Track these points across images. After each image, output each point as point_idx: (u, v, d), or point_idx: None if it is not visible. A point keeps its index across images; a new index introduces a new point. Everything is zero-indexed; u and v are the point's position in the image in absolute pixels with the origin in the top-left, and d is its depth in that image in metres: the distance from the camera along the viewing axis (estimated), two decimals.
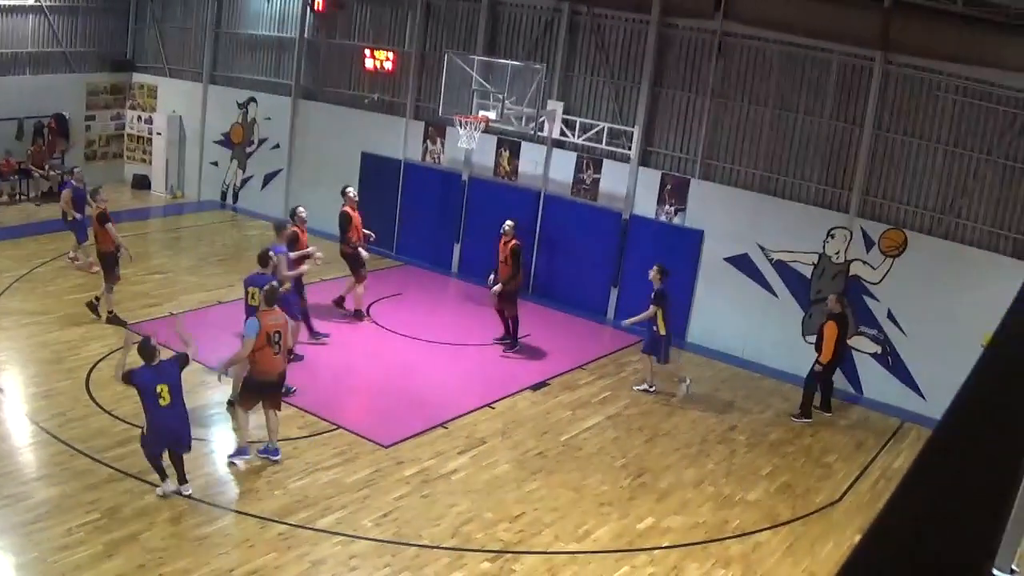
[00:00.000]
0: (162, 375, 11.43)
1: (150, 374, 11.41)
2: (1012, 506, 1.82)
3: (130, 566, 10.18)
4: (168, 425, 11.49)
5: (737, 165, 19.46)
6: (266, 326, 12.51)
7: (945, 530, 1.52)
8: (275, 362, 12.70)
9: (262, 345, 12.49)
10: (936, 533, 1.51)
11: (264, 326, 12.49)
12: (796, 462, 15.06)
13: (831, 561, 12.03)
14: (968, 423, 1.83)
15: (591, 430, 15.31)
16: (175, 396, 11.47)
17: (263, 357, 12.54)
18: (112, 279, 17.50)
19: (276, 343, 12.61)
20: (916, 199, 17.74)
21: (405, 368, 17.03)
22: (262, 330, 12.45)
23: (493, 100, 19.61)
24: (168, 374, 11.49)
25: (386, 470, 13.14)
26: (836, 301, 16.85)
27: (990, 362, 2.11)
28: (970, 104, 17.00)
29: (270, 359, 12.60)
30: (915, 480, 1.66)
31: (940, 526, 1.53)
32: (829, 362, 16.62)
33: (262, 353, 12.52)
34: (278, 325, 12.70)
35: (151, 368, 11.45)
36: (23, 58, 25.61)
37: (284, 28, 25.79)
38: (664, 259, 19.86)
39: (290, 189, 25.85)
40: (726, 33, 19.14)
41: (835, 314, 16.67)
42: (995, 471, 1.69)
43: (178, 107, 27.65)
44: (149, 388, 11.32)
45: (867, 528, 1.48)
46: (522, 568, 11.21)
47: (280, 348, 12.71)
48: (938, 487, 1.64)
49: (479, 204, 22.51)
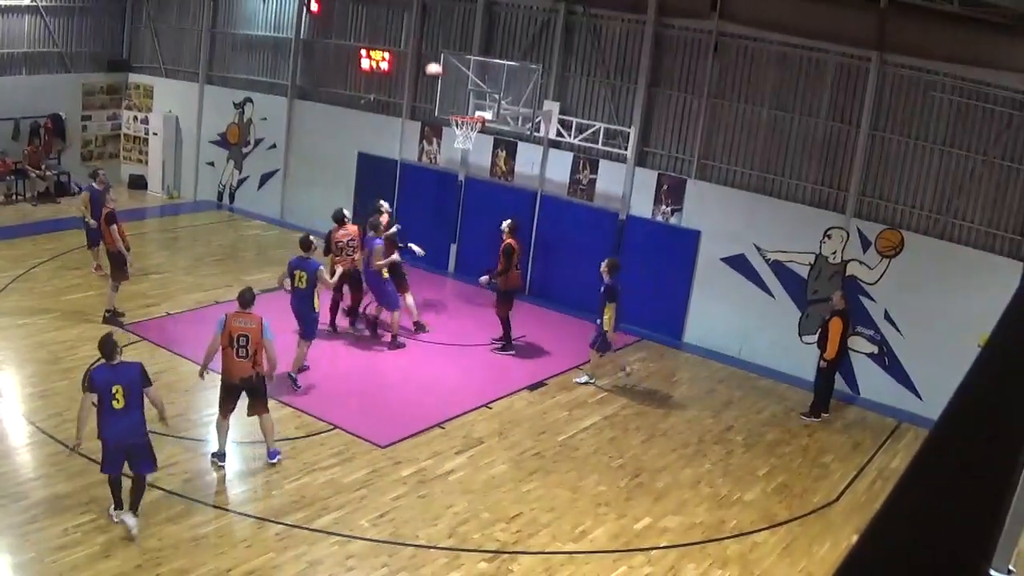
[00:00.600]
0: (119, 375, 10.74)
1: (106, 373, 10.77)
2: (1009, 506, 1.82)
3: (127, 566, 10.19)
4: (118, 434, 10.64)
5: (733, 165, 19.47)
6: (231, 327, 12.25)
7: (942, 530, 1.53)
8: (236, 366, 12.30)
9: (224, 345, 12.26)
10: (933, 533, 1.52)
11: (229, 326, 12.25)
12: (793, 462, 15.08)
13: (828, 561, 12.05)
14: (965, 423, 1.84)
15: (588, 430, 15.31)
16: (130, 401, 10.68)
17: (224, 357, 12.33)
18: (119, 278, 17.54)
19: (242, 347, 12.22)
20: (912, 199, 17.75)
21: (402, 368, 17.02)
22: (225, 330, 12.23)
23: (489, 100, 19.61)
24: (126, 376, 10.77)
25: (383, 470, 13.14)
26: (841, 297, 16.92)
27: (987, 362, 2.11)
28: (966, 104, 17.01)
29: (231, 360, 12.28)
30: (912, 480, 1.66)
31: (937, 526, 1.54)
32: (834, 358, 16.66)
33: (223, 353, 12.32)
34: (245, 329, 12.28)
35: (109, 367, 10.81)
36: (19, 58, 25.58)
37: (280, 28, 25.77)
38: (661, 259, 20.00)
39: (286, 189, 25.86)
40: (722, 33, 19.15)
41: (839, 310, 16.72)
42: (992, 471, 1.70)
43: (174, 107, 27.63)
44: (104, 388, 10.58)
45: (864, 528, 1.48)
46: (519, 568, 11.22)
47: (247, 353, 12.24)
48: (935, 487, 1.65)
49: (475, 204, 22.52)
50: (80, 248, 20.77)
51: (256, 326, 12.34)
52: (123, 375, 10.76)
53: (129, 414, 10.67)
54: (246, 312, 12.51)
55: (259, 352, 12.36)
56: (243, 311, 12.51)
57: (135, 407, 10.75)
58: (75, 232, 22.18)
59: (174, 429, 13.42)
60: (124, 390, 10.63)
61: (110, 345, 10.89)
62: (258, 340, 12.30)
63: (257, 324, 12.37)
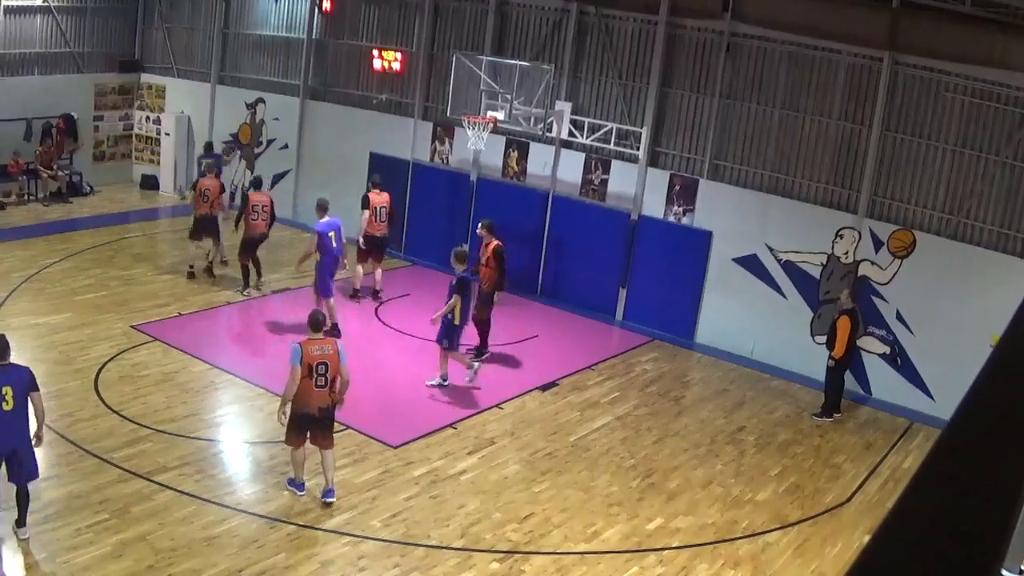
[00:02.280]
0: (8, 377, 10.22)
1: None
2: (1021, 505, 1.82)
3: (139, 567, 10.21)
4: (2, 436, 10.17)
5: (745, 166, 19.44)
6: (309, 357, 11.48)
7: (954, 530, 1.52)
8: (316, 396, 11.57)
9: (303, 375, 11.44)
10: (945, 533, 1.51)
11: (307, 356, 11.47)
12: (805, 463, 15.05)
13: (840, 561, 12.02)
14: (977, 423, 1.83)
15: (600, 430, 15.31)
16: (17, 405, 10.18)
17: (302, 388, 11.49)
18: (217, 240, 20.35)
19: (320, 375, 11.50)
20: (924, 199, 17.71)
21: (414, 368, 17.03)
22: (304, 361, 11.44)
23: (501, 101, 19.61)
24: (15, 378, 10.27)
25: (395, 470, 13.15)
26: (848, 296, 16.95)
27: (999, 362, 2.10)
28: (978, 104, 16.97)
29: (310, 391, 11.51)
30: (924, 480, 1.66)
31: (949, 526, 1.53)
32: (842, 357, 16.66)
33: (301, 384, 11.47)
34: (324, 356, 11.55)
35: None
36: (31, 58, 25.66)
37: (292, 29, 25.81)
38: (672, 260, 20.00)
39: (298, 190, 25.88)
40: (734, 33, 19.13)
41: (847, 309, 16.73)
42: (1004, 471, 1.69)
43: (186, 107, 27.69)
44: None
45: (876, 528, 1.48)
46: (531, 568, 11.22)
47: (326, 381, 11.54)
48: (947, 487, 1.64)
49: (487, 205, 22.49)
50: (91, 249, 20.87)
51: (333, 352, 11.65)
52: (13, 378, 10.26)
53: (15, 420, 10.22)
54: (321, 338, 11.85)
55: (337, 379, 11.75)
56: (317, 336, 11.81)
57: (20, 413, 10.27)
58: (87, 232, 22.29)
59: (186, 429, 13.51)
60: (13, 393, 10.15)
61: (2, 345, 10.42)
62: (336, 366, 11.63)
63: (334, 349, 11.69)
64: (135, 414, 13.70)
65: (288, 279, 20.83)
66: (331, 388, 11.65)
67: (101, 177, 27.10)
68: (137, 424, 13.41)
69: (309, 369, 11.41)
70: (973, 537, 1.51)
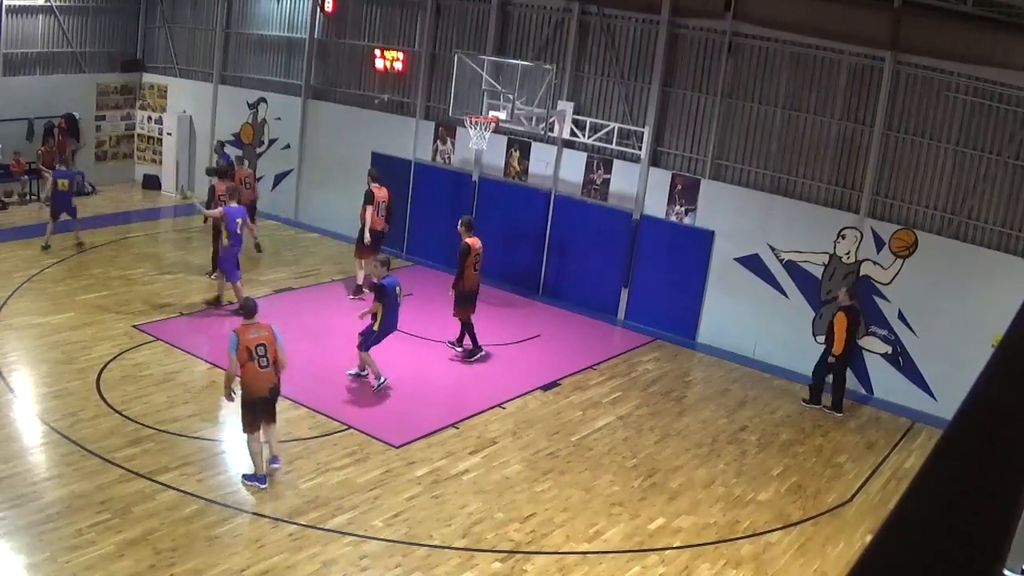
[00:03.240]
0: None
1: None
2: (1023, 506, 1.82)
3: (141, 566, 10.21)
4: None
5: (747, 165, 19.44)
6: (246, 341, 11.95)
7: (956, 530, 1.52)
8: (262, 377, 12.01)
9: (244, 360, 11.91)
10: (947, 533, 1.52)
11: (244, 341, 11.94)
12: (807, 462, 15.05)
13: (842, 561, 12.02)
14: (979, 423, 1.83)
15: (602, 430, 15.31)
16: None
17: (247, 373, 11.95)
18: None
19: (262, 356, 11.96)
20: (926, 199, 17.71)
21: (416, 368, 17.02)
22: (241, 345, 11.90)
23: (503, 100, 19.63)
24: None
25: (397, 470, 13.15)
26: (846, 293, 17.07)
27: (1001, 362, 2.11)
28: (980, 104, 16.96)
29: (255, 374, 11.95)
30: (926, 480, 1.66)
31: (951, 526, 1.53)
32: (841, 354, 16.73)
33: (245, 369, 11.94)
34: (261, 338, 12.04)
35: None
36: (33, 58, 25.70)
37: (294, 28, 25.82)
38: (674, 260, 19.99)
39: (300, 189, 25.90)
40: (736, 33, 19.13)
41: (844, 306, 16.82)
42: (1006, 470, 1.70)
43: (188, 107, 27.71)
44: None
45: (878, 528, 1.48)
46: (533, 568, 11.21)
47: (268, 362, 12.01)
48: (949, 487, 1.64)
49: (489, 204, 22.52)
50: (92, 248, 20.89)
51: (269, 333, 12.15)
52: None
53: None
54: (255, 323, 12.28)
55: (277, 360, 12.19)
56: (252, 322, 12.27)
57: None
58: (89, 232, 22.25)
59: (188, 429, 13.51)
60: None
61: None
62: (275, 347, 12.12)
63: (269, 331, 12.18)
64: (137, 414, 13.71)
65: (290, 279, 20.84)
66: (274, 368, 12.14)
67: (103, 177, 27.13)
68: (139, 424, 13.42)
69: (249, 352, 11.90)
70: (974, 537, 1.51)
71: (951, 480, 1.66)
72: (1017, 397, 1.93)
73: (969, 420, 1.82)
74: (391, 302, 15.52)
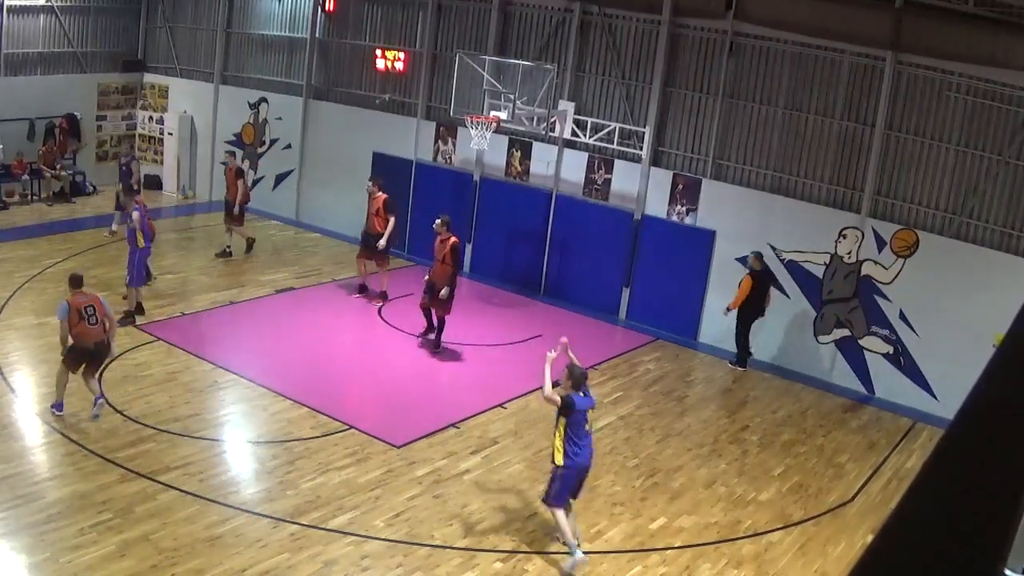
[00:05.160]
0: None
1: None
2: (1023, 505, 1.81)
3: (142, 566, 10.21)
4: None
5: (748, 165, 19.44)
6: (76, 304, 13.28)
7: (957, 530, 1.52)
8: (91, 331, 13.32)
9: (75, 321, 13.18)
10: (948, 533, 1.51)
11: (74, 305, 13.26)
12: (808, 462, 15.05)
13: (843, 561, 12.02)
14: (980, 423, 1.83)
15: (603, 430, 15.28)
16: None
17: (78, 329, 13.23)
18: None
19: (91, 315, 13.28)
20: (927, 199, 17.71)
21: (417, 368, 17.03)
22: (72, 309, 13.21)
23: (504, 100, 19.61)
24: None
25: (398, 470, 13.15)
26: (755, 259, 18.31)
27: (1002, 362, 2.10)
28: (981, 104, 16.96)
29: (85, 329, 13.25)
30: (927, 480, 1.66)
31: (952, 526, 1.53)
32: (740, 313, 18.21)
33: (77, 327, 13.21)
34: (89, 301, 13.44)
35: None
36: (34, 58, 25.70)
37: (295, 28, 25.82)
38: (675, 259, 20.01)
39: (301, 189, 25.91)
40: (737, 33, 19.13)
41: (754, 271, 18.14)
42: (1006, 470, 1.69)
43: (189, 107, 27.72)
44: None
45: (879, 528, 1.48)
46: (534, 568, 11.21)
47: (96, 319, 13.34)
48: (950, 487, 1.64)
49: (491, 204, 22.53)
50: (94, 248, 20.87)
51: (96, 298, 13.66)
52: None
53: None
54: (82, 291, 13.56)
55: (106, 321, 13.56)
56: (79, 290, 13.54)
57: None
58: (91, 232, 22.29)
59: (190, 429, 13.52)
60: None
61: None
62: (103, 309, 13.53)
63: (96, 296, 13.72)
64: (138, 414, 13.71)
65: (291, 279, 20.84)
66: (103, 327, 13.53)
67: (104, 177, 27.11)
68: (140, 424, 13.42)
69: (80, 314, 13.28)
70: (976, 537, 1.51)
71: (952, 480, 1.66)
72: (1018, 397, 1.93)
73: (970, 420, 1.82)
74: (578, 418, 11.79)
